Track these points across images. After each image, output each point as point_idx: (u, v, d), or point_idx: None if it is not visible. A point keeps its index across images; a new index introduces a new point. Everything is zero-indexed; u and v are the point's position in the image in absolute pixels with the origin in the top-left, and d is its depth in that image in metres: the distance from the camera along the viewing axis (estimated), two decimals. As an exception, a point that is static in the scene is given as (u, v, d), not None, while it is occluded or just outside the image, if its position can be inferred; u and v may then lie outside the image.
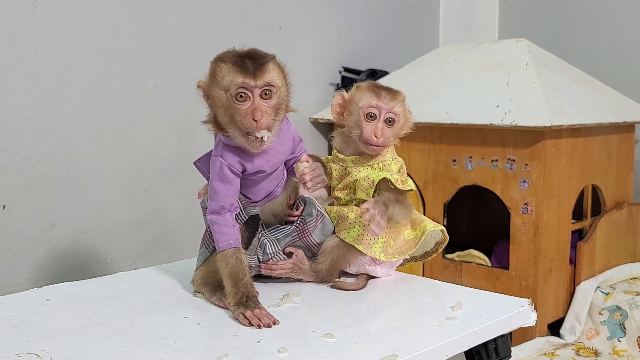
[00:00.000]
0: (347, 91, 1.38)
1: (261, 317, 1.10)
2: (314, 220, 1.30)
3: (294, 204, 1.31)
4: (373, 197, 1.28)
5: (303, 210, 1.31)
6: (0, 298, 1.27)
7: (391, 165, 1.34)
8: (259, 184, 1.25)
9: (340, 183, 1.36)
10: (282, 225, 1.31)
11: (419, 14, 3.21)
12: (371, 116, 1.31)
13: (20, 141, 1.89)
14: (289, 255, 1.31)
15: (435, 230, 1.35)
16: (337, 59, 2.79)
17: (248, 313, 1.11)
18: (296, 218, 1.31)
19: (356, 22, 2.87)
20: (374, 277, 1.36)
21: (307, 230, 1.29)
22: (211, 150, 1.28)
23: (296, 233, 1.30)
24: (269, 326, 1.09)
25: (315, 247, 1.31)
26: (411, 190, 1.33)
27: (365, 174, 1.32)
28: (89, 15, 2.01)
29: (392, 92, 1.34)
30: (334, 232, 1.32)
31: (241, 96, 1.15)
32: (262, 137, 1.15)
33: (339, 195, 1.35)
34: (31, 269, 1.93)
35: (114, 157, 2.10)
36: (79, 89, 2.00)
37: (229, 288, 1.16)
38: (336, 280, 1.31)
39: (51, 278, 1.94)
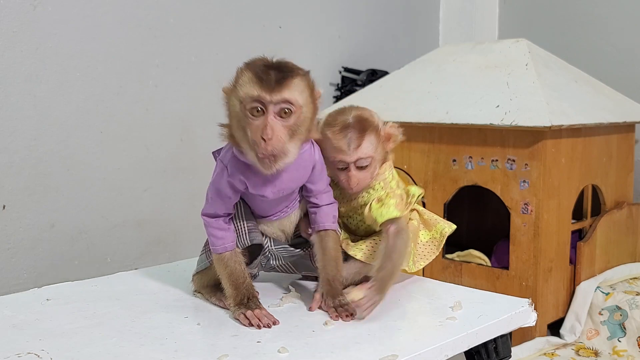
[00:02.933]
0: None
1: (261, 317, 1.10)
2: None
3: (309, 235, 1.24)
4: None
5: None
6: (0, 298, 1.27)
7: (391, 182, 1.29)
8: (266, 203, 1.19)
9: (343, 203, 1.32)
10: (290, 247, 1.26)
11: (419, 14, 3.21)
12: (342, 168, 1.25)
13: (20, 141, 1.89)
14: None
15: (450, 229, 1.35)
16: (337, 59, 2.79)
17: (249, 313, 1.10)
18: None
19: (356, 22, 2.87)
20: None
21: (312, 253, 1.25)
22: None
23: (305, 254, 1.27)
24: (269, 326, 1.09)
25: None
26: (419, 195, 1.30)
27: (367, 205, 1.27)
28: (89, 15, 2.01)
29: (358, 137, 1.23)
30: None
31: (257, 111, 1.05)
32: (274, 160, 1.06)
33: (341, 209, 1.32)
34: (31, 269, 1.93)
35: (114, 157, 2.10)
36: (79, 89, 2.00)
37: (229, 291, 1.15)
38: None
39: (51, 278, 1.94)
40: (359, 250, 1.26)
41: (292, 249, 1.26)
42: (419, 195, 1.31)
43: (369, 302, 1.14)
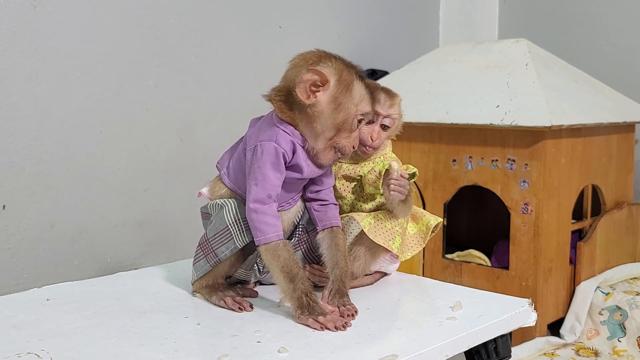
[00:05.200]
0: None
1: (335, 320, 1.09)
2: (313, 228, 1.26)
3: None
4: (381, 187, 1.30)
5: (301, 219, 1.27)
6: (0, 298, 1.27)
7: (391, 158, 1.36)
8: (286, 186, 1.20)
9: (335, 178, 1.36)
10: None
11: (419, 14, 3.21)
12: (369, 121, 1.30)
13: (20, 141, 1.89)
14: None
15: (437, 223, 1.37)
16: (337, 59, 2.78)
17: (320, 319, 1.09)
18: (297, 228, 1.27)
19: (356, 22, 2.87)
20: (384, 275, 1.38)
21: (309, 239, 1.26)
22: (228, 151, 1.26)
23: (297, 243, 1.26)
24: (344, 328, 1.08)
25: (316, 255, 1.27)
26: (415, 173, 1.34)
27: (369, 168, 1.33)
28: (89, 15, 2.01)
29: (390, 96, 1.33)
30: (357, 235, 1.31)
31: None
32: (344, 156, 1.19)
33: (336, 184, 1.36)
34: (31, 269, 1.93)
35: (114, 157, 2.10)
36: (79, 89, 2.00)
37: (284, 284, 1.12)
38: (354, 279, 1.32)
39: (51, 278, 1.94)
40: (367, 223, 1.27)
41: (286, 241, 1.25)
42: (414, 172, 1.35)
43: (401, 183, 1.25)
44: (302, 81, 1.15)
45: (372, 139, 1.31)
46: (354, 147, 1.18)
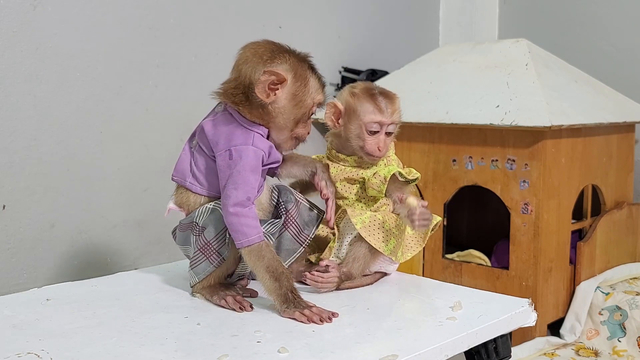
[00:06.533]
0: (336, 96, 1.38)
1: (320, 312, 1.12)
2: (293, 205, 1.28)
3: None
4: (385, 192, 1.30)
5: (279, 197, 1.28)
6: (0, 298, 1.27)
7: (393, 161, 1.36)
8: (263, 176, 1.24)
9: (337, 181, 1.35)
10: (271, 219, 1.27)
11: (419, 14, 3.21)
12: (374, 132, 1.31)
13: (20, 141, 1.89)
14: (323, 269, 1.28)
15: (436, 222, 1.37)
16: (337, 59, 2.78)
17: (306, 312, 1.11)
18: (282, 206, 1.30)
19: (356, 22, 2.87)
20: (384, 275, 1.38)
21: (291, 218, 1.28)
22: (180, 161, 1.30)
23: (282, 224, 1.27)
24: (330, 320, 1.11)
25: (302, 234, 1.29)
26: (418, 178, 1.34)
27: (373, 171, 1.32)
28: (89, 15, 2.01)
29: (391, 102, 1.32)
30: (357, 236, 1.31)
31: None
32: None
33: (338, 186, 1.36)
34: (31, 269, 1.93)
35: (114, 157, 2.10)
36: (79, 89, 2.00)
37: (269, 283, 1.14)
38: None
39: (51, 278, 1.94)
40: (360, 221, 1.27)
41: (276, 220, 1.26)
42: (417, 177, 1.34)
43: (425, 215, 1.25)
44: (260, 82, 1.18)
45: (379, 149, 1.30)
46: (308, 133, 1.24)
